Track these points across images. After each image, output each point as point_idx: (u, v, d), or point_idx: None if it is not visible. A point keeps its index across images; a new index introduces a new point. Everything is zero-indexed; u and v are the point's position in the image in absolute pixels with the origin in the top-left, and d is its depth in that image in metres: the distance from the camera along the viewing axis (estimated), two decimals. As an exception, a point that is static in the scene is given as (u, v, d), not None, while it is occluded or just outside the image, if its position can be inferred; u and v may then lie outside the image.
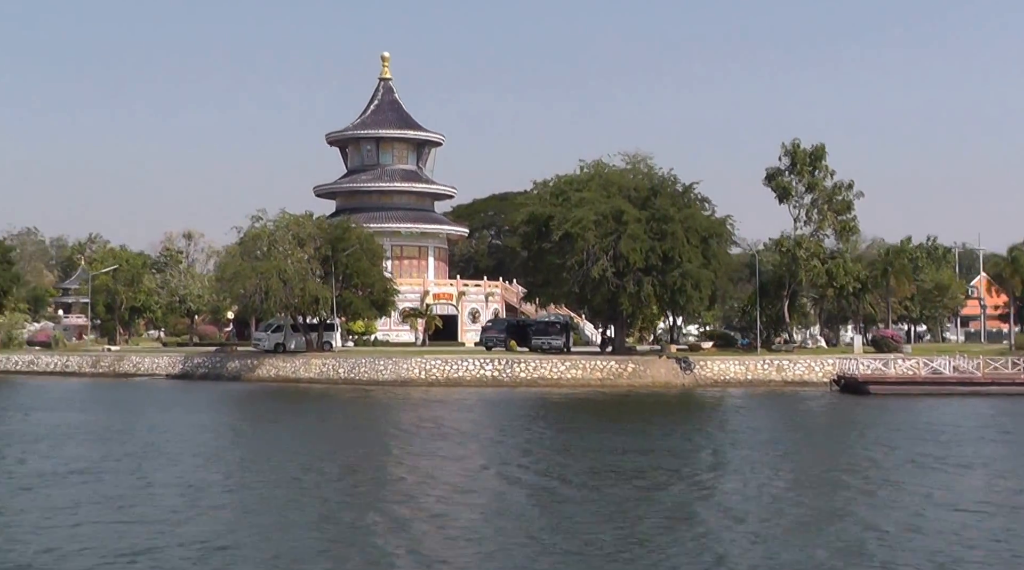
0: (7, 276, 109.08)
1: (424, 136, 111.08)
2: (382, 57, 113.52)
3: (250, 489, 28.44)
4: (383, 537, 22.46)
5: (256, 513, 24.86)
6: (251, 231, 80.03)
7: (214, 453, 35.65)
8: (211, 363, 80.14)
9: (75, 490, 28.09)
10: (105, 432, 42.14)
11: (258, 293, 75.37)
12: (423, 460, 33.98)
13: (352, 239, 79.24)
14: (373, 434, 42.51)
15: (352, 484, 29.48)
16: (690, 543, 21.97)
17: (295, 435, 41.56)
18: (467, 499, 26.92)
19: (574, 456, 34.69)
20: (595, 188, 72.55)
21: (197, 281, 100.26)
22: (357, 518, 24.43)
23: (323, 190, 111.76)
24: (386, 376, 70.91)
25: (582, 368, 69.65)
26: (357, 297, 79.60)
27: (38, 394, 65.66)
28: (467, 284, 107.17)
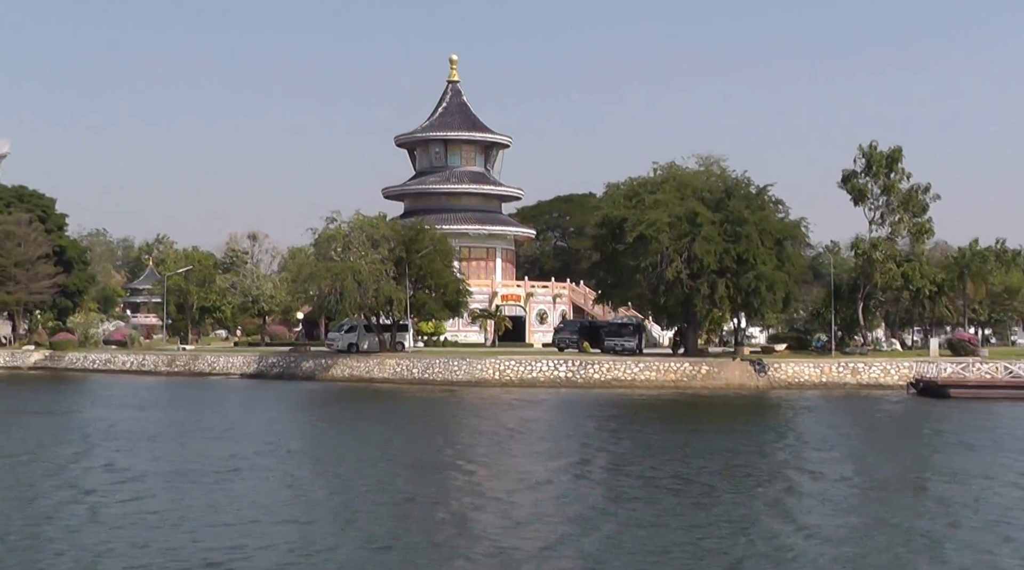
0: (83, 276, 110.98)
1: (492, 138, 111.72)
2: (450, 59, 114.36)
3: (394, 488, 28.72)
4: (472, 543, 22.40)
5: (415, 511, 25.13)
6: (325, 232, 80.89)
7: (337, 451, 36.24)
8: (285, 363, 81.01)
9: (228, 488, 28.62)
10: (218, 430, 42.81)
11: (333, 294, 76.06)
12: (503, 459, 34.43)
13: (426, 240, 79.82)
14: (455, 434, 42.87)
15: (467, 486, 29.83)
16: (761, 544, 22.00)
17: (401, 435, 42.05)
18: (543, 496, 27.26)
19: (655, 457, 34.80)
20: (669, 190, 72.63)
21: (269, 282, 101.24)
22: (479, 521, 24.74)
23: (392, 192, 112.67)
24: (460, 376, 71.34)
25: (656, 370, 69.74)
26: (430, 298, 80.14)
27: (125, 392, 66.80)
28: (535, 285, 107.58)
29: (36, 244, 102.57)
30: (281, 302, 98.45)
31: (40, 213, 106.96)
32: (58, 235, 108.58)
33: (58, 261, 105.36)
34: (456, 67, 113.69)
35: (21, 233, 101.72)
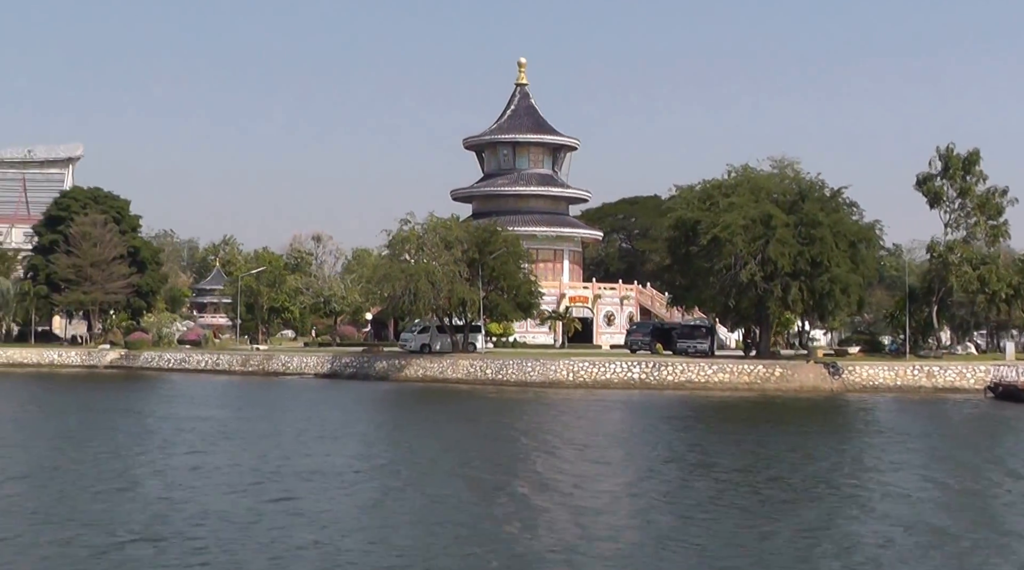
0: (156, 277, 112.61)
1: (560, 140, 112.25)
2: (518, 63, 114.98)
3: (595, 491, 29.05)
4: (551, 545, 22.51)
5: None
6: (399, 234, 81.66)
7: (478, 453, 36.61)
8: (359, 363, 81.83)
9: (379, 488, 29.11)
10: (332, 430, 43.46)
11: (407, 295, 76.79)
12: (582, 460, 34.52)
13: (499, 242, 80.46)
14: (536, 434, 43.13)
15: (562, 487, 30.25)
16: (832, 548, 22.06)
17: (488, 436, 42.58)
18: (630, 499, 27.37)
19: (735, 458, 34.98)
20: (743, 193, 72.72)
21: (340, 282, 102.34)
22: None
23: (460, 194, 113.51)
24: (534, 377, 71.78)
25: (729, 372, 69.83)
26: (503, 299, 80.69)
27: (209, 391, 68.05)
28: (603, 287, 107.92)
29: (111, 245, 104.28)
30: (352, 303, 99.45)
31: (115, 214, 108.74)
32: (132, 236, 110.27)
33: (132, 262, 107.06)
34: (524, 70, 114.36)
35: (97, 234, 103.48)
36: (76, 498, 26.59)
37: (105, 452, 35.58)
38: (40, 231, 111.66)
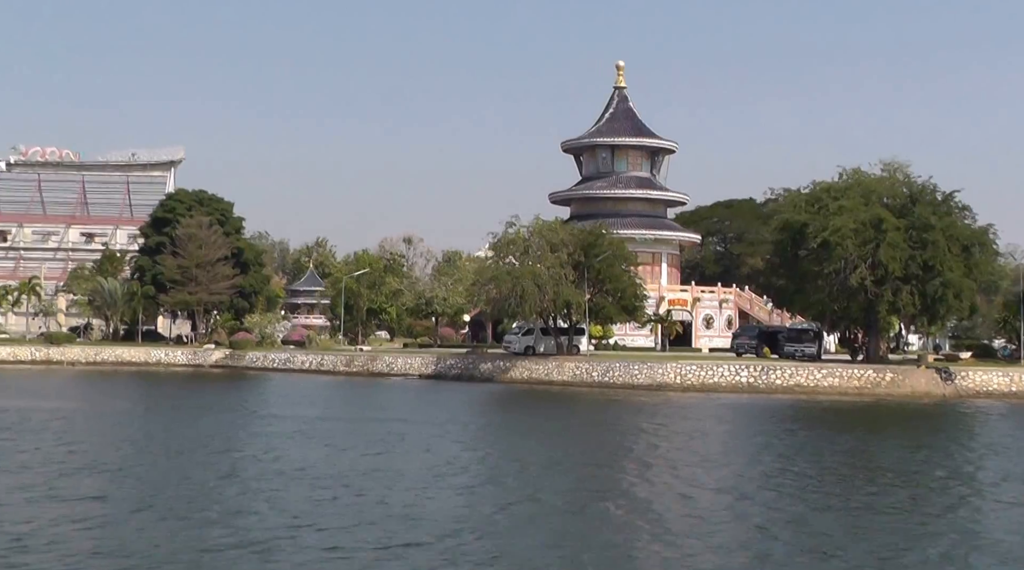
0: (258, 278, 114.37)
1: (658, 143, 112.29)
2: (617, 66, 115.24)
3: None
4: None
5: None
6: (505, 236, 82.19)
7: (603, 455, 36.79)
8: (463, 364, 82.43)
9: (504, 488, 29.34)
10: (455, 430, 44.01)
11: (513, 297, 77.23)
12: (696, 462, 34.54)
13: (604, 245, 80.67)
14: (653, 435, 43.19)
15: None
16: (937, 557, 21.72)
17: (607, 438, 42.84)
18: (737, 506, 26.99)
19: (868, 466, 34.58)
20: (853, 196, 72.23)
21: (441, 284, 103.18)
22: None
23: (558, 197, 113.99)
24: (640, 380, 71.83)
25: (839, 376, 69.27)
26: (608, 302, 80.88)
27: (323, 391, 69.23)
28: (702, 290, 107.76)
29: (216, 246, 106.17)
30: (453, 305, 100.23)
31: (219, 216, 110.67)
32: (236, 237, 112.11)
33: (236, 263, 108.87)
34: (623, 73, 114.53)
35: (202, 236, 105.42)
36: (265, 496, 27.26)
37: (261, 451, 36.35)
38: (146, 233, 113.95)
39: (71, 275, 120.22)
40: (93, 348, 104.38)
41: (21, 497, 26.00)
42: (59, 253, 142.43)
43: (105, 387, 72.12)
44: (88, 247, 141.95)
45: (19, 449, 35.15)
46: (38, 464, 31.72)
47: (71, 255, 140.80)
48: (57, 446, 36.00)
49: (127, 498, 26.10)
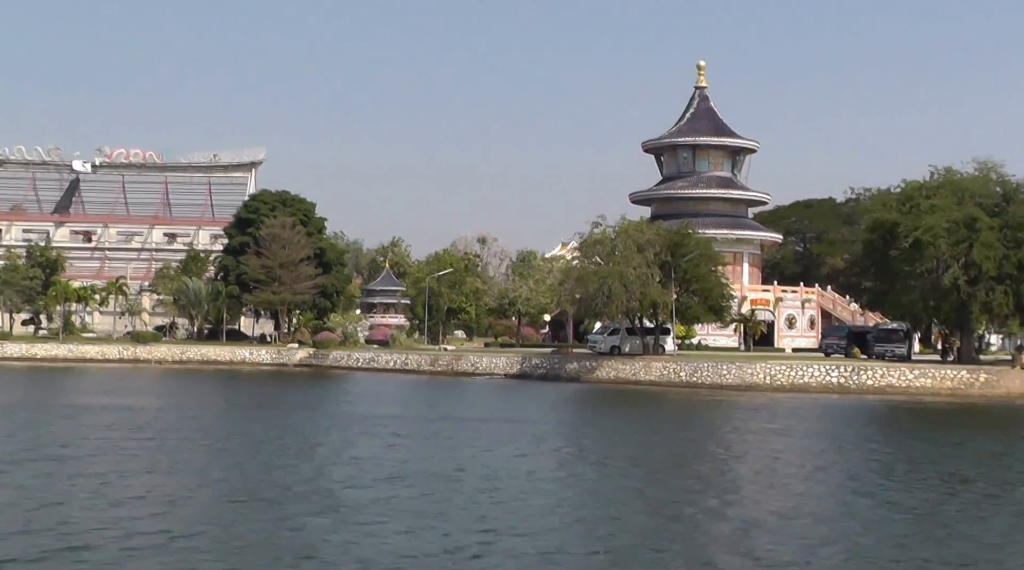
0: (340, 277, 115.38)
1: (739, 143, 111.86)
2: (698, 66, 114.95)
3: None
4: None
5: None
6: (591, 236, 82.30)
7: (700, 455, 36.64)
8: (549, 364, 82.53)
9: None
10: (551, 429, 44.22)
11: (600, 296, 77.31)
12: (790, 464, 34.27)
13: (691, 245, 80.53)
14: (750, 437, 42.91)
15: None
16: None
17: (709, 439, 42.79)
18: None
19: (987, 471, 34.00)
20: (945, 195, 71.49)
21: (523, 283, 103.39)
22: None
23: (639, 197, 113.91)
24: (729, 380, 71.57)
25: (931, 377, 68.51)
26: (694, 302, 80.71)
27: (416, 390, 69.93)
28: (784, 290, 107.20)
29: (299, 246, 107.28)
30: (537, 304, 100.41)
31: (302, 217, 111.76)
32: (318, 238, 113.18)
33: (318, 263, 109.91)
34: (703, 73, 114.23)
35: (286, 236, 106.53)
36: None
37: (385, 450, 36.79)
38: (230, 233, 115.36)
39: (157, 275, 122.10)
40: (179, 347, 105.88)
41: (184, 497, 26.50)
42: (143, 253, 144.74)
43: (198, 386, 73.11)
44: (171, 247, 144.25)
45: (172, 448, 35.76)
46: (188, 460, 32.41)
47: (154, 255, 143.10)
48: (200, 446, 36.62)
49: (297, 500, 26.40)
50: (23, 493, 25.86)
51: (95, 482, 27.72)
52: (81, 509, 24.00)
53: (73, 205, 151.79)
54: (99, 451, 33.95)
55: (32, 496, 25.37)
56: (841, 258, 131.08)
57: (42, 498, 25.17)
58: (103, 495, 25.77)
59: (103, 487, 26.88)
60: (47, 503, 24.54)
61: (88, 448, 34.62)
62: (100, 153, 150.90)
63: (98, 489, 26.56)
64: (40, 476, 28.59)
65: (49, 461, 31.52)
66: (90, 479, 28.23)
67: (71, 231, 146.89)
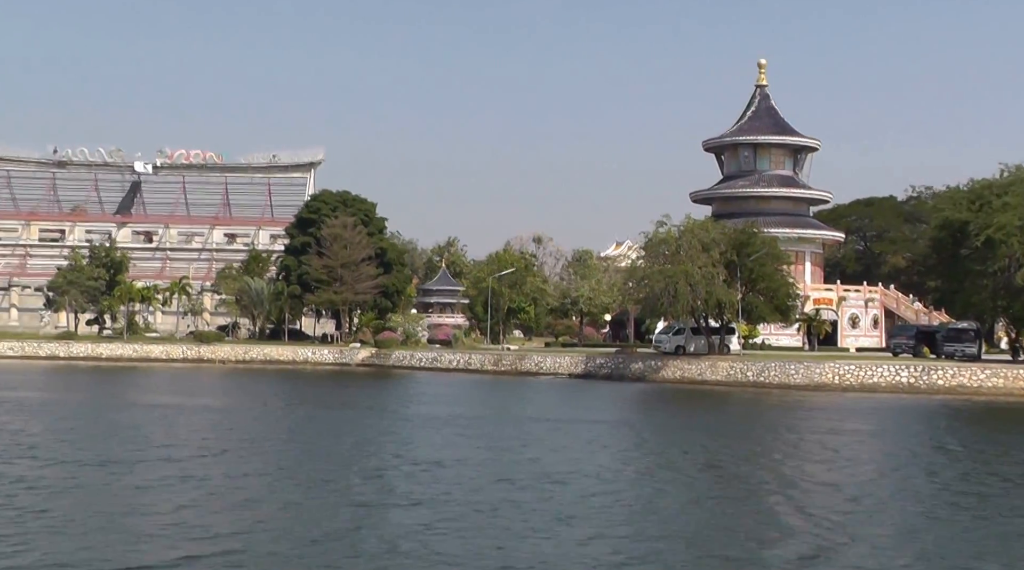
0: (401, 277, 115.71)
1: (801, 142, 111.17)
2: (758, 64, 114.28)
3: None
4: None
5: None
6: (656, 236, 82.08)
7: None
8: (614, 364, 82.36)
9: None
10: (681, 431, 44.26)
11: (665, 296, 77.08)
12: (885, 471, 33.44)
13: (757, 244, 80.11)
14: (842, 437, 42.52)
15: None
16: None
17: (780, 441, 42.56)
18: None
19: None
20: (1018, 192, 70.67)
21: (585, 283, 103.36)
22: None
23: (700, 196, 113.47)
24: (797, 380, 71.01)
25: (1003, 377, 67.57)
26: (760, 301, 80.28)
27: (487, 390, 69.99)
28: (846, 289, 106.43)
29: (360, 246, 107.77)
30: (600, 304, 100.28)
31: (363, 217, 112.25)
32: (379, 238, 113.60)
33: (379, 263, 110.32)
34: (764, 71, 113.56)
35: (347, 236, 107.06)
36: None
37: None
38: (291, 233, 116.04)
39: (219, 275, 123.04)
40: (242, 347, 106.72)
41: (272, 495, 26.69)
42: (203, 253, 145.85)
43: (267, 385, 73.50)
44: (231, 247, 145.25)
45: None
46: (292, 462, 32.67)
47: (215, 255, 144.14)
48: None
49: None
50: (169, 494, 25.89)
51: (227, 484, 27.87)
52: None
53: (134, 206, 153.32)
54: (206, 452, 34.03)
55: (175, 499, 25.29)
56: (902, 257, 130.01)
57: (199, 500, 25.28)
58: (236, 496, 25.94)
59: (236, 491, 26.82)
60: (232, 505, 24.64)
61: (192, 449, 34.70)
62: (161, 154, 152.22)
63: (232, 492, 26.50)
64: (175, 477, 28.58)
65: (164, 462, 31.54)
66: (220, 481, 28.37)
67: (132, 232, 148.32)
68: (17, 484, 26.93)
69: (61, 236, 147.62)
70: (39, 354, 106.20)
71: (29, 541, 20.54)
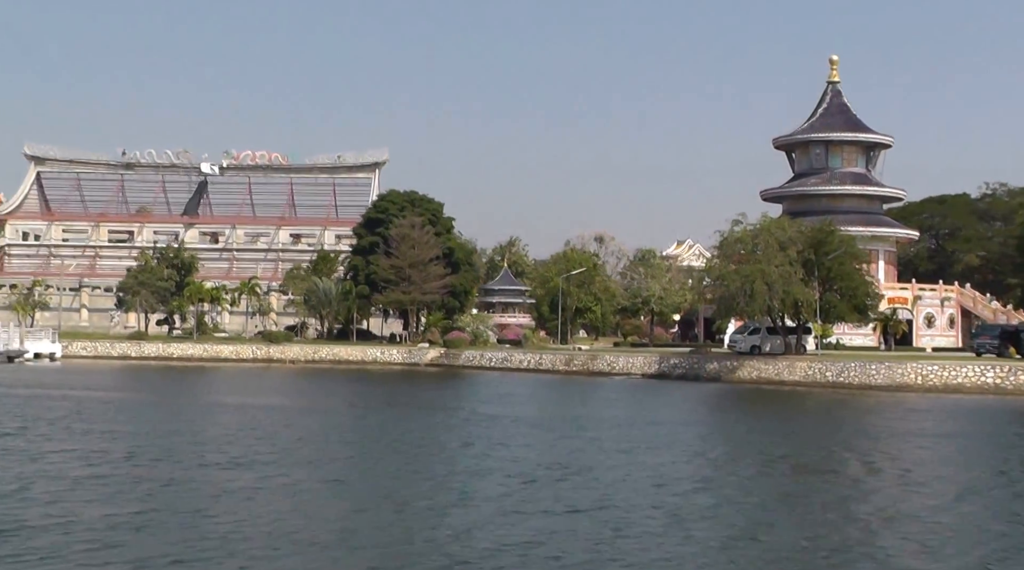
0: (468, 277, 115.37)
1: (874, 139, 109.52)
2: (830, 60, 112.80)
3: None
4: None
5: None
6: (731, 234, 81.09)
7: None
8: (688, 364, 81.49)
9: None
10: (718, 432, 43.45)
11: (742, 295, 76.11)
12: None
13: (835, 242, 78.87)
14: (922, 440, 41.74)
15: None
16: None
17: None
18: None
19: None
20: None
21: (656, 282, 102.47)
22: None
23: (770, 194, 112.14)
24: (878, 381, 69.76)
25: (1094, 377, 66.26)
26: (838, 300, 79.02)
27: (565, 391, 69.17)
28: (922, 288, 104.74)
29: (428, 246, 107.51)
30: (671, 304, 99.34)
31: (430, 217, 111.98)
32: (447, 237, 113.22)
33: (447, 262, 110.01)
34: (836, 67, 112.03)
35: (415, 236, 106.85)
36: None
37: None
38: (359, 233, 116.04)
39: (287, 275, 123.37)
40: (311, 347, 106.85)
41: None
42: (269, 254, 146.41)
43: (346, 386, 73.25)
44: (296, 248, 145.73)
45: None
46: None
47: (281, 256, 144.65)
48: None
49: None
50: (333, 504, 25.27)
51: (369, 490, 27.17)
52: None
53: (201, 207, 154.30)
54: (323, 458, 33.05)
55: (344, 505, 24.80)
56: (976, 255, 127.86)
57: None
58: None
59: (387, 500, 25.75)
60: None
61: (307, 453, 34.05)
62: (227, 155, 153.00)
63: (380, 503, 25.30)
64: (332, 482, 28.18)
65: (300, 466, 30.98)
66: (355, 486, 27.84)
67: (199, 232, 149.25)
68: (143, 484, 26.71)
69: (129, 237, 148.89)
70: (111, 354, 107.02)
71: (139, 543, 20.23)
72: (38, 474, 28.18)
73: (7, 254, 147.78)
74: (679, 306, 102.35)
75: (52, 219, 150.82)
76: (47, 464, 30.29)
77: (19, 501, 24.20)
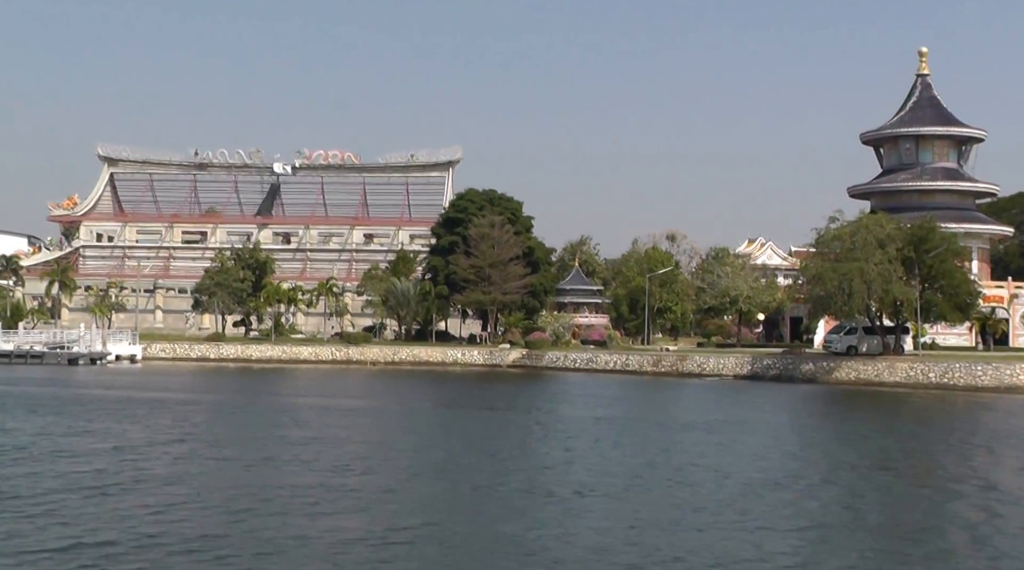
0: (548, 277, 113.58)
1: (966, 132, 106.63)
2: (919, 52, 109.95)
3: None
4: None
5: None
6: (828, 232, 78.79)
7: None
8: (782, 364, 79.38)
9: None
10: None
11: (840, 294, 73.79)
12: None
13: (936, 240, 76.32)
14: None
15: None
16: None
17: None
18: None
19: None
20: None
21: (745, 281, 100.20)
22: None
23: (858, 190, 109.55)
24: (985, 382, 67.45)
25: None
26: (939, 299, 76.47)
27: (660, 393, 67.57)
28: (1019, 286, 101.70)
29: (508, 246, 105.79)
30: (761, 303, 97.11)
31: (509, 215, 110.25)
32: (526, 237, 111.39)
33: (527, 262, 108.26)
34: (926, 60, 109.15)
35: (495, 235, 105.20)
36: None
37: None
38: (437, 232, 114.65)
39: (365, 276, 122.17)
40: (390, 348, 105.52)
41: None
42: (343, 254, 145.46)
43: (438, 388, 72.29)
44: (369, 248, 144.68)
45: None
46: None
47: (354, 256, 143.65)
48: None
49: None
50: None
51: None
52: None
53: (274, 207, 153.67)
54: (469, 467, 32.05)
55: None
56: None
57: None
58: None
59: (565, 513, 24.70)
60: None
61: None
62: (299, 155, 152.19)
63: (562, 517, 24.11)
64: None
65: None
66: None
67: (272, 233, 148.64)
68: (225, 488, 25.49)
69: (202, 238, 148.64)
70: (190, 356, 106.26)
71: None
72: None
73: (82, 256, 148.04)
74: (767, 305, 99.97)
75: (126, 220, 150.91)
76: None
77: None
